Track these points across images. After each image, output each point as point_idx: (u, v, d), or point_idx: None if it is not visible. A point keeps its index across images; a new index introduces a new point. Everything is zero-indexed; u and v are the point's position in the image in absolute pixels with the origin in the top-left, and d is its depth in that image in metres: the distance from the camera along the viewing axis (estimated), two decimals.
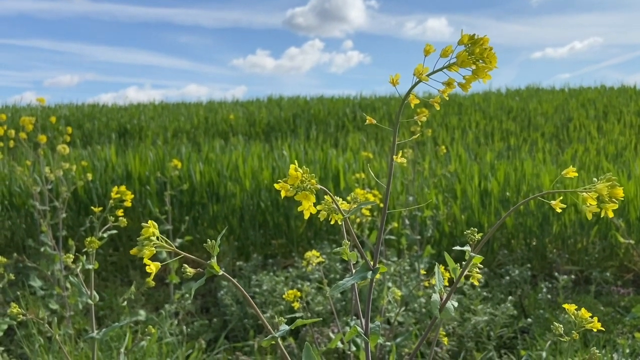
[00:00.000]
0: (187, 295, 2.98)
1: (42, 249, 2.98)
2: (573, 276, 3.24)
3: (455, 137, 6.66)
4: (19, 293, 3.34)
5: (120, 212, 1.39)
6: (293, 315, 1.37)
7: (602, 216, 0.82)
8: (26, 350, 2.75)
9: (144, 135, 8.04)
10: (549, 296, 2.96)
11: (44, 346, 2.80)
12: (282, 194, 0.69)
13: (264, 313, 2.89)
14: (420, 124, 3.77)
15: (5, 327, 2.06)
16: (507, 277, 3.11)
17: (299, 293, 1.38)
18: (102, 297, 3.50)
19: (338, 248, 0.80)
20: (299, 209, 0.66)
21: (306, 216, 0.67)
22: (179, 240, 2.96)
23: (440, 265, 1.71)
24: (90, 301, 1.19)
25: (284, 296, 1.40)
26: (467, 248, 0.96)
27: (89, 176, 2.90)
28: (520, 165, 4.02)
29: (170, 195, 3.34)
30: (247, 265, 3.36)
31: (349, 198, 1.27)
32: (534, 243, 3.61)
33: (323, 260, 1.55)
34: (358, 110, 8.73)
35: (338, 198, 0.91)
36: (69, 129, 3.43)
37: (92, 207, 1.52)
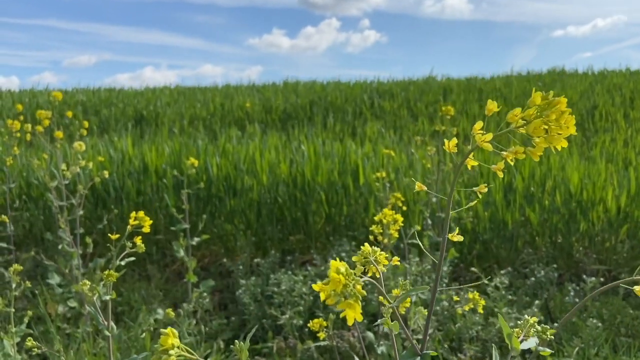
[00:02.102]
0: (205, 294, 2.94)
1: (60, 247, 2.97)
2: (602, 279, 3.14)
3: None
4: (37, 291, 3.35)
5: (138, 240, 1.33)
6: (316, 333, 1.31)
7: None
8: (44, 348, 2.75)
9: (160, 123, 8.02)
10: (577, 299, 2.86)
11: (62, 343, 2.80)
12: (322, 297, 0.61)
13: (283, 314, 2.84)
14: (443, 117, 3.66)
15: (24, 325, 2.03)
16: (533, 278, 3.02)
17: (324, 323, 1.31)
18: (120, 292, 3.49)
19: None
20: (341, 315, 0.57)
21: (350, 323, 0.59)
22: (196, 239, 2.91)
23: (475, 293, 1.61)
24: (107, 333, 1.14)
25: (309, 325, 1.33)
26: (532, 343, 0.86)
27: (106, 173, 2.86)
28: (546, 160, 3.89)
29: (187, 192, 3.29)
30: (264, 262, 3.31)
31: (376, 218, 1.19)
32: (560, 240, 3.50)
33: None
34: (376, 96, 8.58)
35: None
36: (85, 123, 3.39)
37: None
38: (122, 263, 1.29)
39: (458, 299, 2.03)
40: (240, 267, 3.29)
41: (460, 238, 0.80)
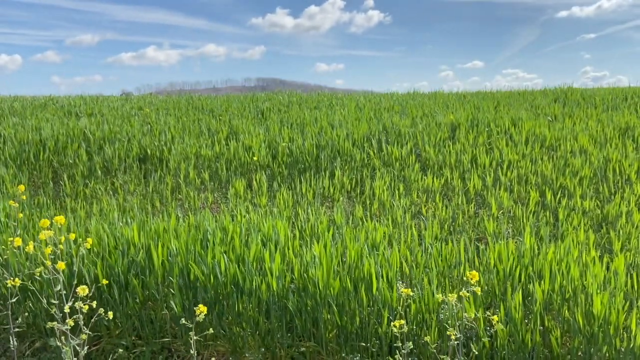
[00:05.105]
0: None
1: None
2: None
3: (488, 183, 6.36)
4: None
5: None
6: None
7: None
8: None
9: (164, 165, 7.91)
10: None
11: None
12: None
13: None
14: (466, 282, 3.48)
15: None
16: None
17: None
18: None
19: None
20: None
21: None
22: None
23: None
24: None
25: None
26: None
27: (110, 314, 2.75)
28: (565, 266, 3.76)
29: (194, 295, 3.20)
30: None
31: None
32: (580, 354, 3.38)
33: None
34: (383, 137, 8.45)
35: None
36: (89, 243, 3.26)
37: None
38: None
39: None
40: None
41: None
